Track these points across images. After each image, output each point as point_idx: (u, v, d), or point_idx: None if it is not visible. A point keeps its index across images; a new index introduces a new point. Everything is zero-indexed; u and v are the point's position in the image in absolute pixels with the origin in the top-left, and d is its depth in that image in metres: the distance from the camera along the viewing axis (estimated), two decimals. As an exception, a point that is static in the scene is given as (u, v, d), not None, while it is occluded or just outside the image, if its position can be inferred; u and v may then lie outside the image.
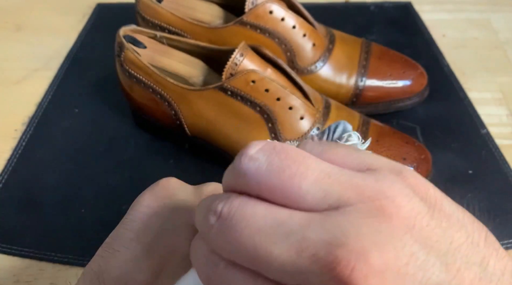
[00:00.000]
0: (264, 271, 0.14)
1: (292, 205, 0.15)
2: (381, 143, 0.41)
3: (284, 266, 0.14)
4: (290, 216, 0.14)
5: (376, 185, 0.15)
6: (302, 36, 0.46)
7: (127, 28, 0.43)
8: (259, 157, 0.15)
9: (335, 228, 0.14)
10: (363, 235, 0.13)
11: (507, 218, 0.41)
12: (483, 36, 0.64)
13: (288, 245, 0.14)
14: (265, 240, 0.14)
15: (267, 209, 0.15)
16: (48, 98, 0.53)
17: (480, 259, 0.14)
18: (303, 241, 0.14)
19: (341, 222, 0.14)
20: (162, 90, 0.41)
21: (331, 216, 0.14)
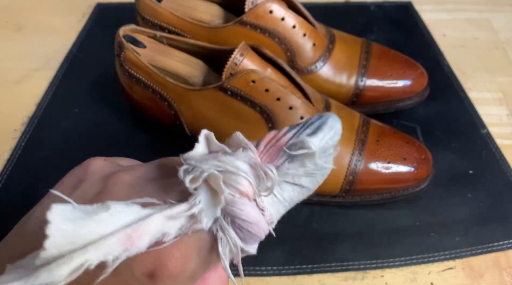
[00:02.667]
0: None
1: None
2: (382, 143, 0.41)
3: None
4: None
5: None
6: (302, 36, 0.46)
7: (127, 28, 0.43)
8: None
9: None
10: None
11: (507, 218, 0.41)
12: (483, 36, 0.64)
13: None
14: None
15: None
16: (48, 98, 0.52)
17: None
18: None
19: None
20: (162, 90, 0.41)
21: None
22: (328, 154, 0.20)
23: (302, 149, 0.19)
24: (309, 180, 0.20)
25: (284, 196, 0.20)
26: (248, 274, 0.37)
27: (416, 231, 0.40)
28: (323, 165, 0.20)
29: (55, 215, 0.16)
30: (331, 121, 0.20)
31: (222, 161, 0.18)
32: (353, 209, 0.42)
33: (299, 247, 0.39)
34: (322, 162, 0.20)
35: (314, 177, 0.20)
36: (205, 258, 0.19)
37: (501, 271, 0.38)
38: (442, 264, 0.38)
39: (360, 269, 0.38)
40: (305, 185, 0.20)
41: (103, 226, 0.16)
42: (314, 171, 0.20)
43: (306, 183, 0.20)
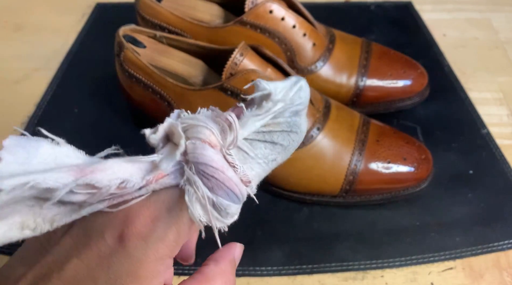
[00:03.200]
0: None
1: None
2: (382, 143, 0.41)
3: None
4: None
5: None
6: (302, 36, 0.46)
7: (126, 28, 0.43)
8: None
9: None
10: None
11: (508, 218, 0.41)
12: (483, 36, 0.64)
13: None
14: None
15: None
16: (47, 98, 0.52)
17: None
18: None
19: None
20: (162, 90, 0.41)
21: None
22: (296, 110, 0.20)
23: (257, 92, 0.19)
24: (281, 136, 0.20)
25: (256, 153, 0.20)
26: (248, 274, 0.37)
27: (416, 231, 0.40)
28: (293, 120, 0.20)
29: (10, 141, 0.16)
30: (295, 78, 0.20)
31: (183, 117, 0.19)
32: (353, 209, 0.42)
33: (299, 247, 0.39)
34: (291, 118, 0.20)
35: (286, 133, 0.20)
36: (176, 217, 0.19)
37: (501, 271, 0.38)
38: (442, 264, 0.38)
39: (360, 269, 0.38)
40: (277, 141, 0.20)
41: (57, 160, 0.17)
42: (285, 127, 0.20)
43: (278, 139, 0.20)
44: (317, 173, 0.40)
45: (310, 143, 0.39)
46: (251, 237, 0.39)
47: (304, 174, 0.40)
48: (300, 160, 0.40)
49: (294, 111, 0.20)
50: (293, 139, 0.20)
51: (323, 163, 0.40)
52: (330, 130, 0.40)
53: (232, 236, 0.41)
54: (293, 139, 0.20)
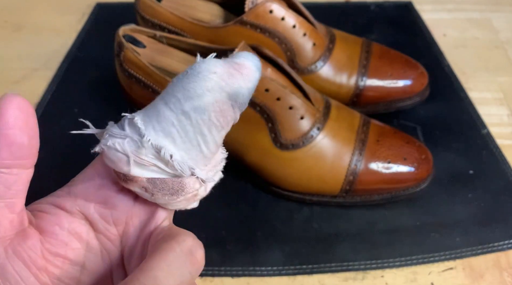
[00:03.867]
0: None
1: None
2: (382, 143, 0.41)
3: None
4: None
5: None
6: (302, 36, 0.46)
7: (126, 28, 0.43)
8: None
9: None
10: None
11: (508, 218, 0.41)
12: (483, 36, 0.64)
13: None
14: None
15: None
16: (47, 98, 0.52)
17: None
18: None
19: None
20: (162, 90, 0.41)
21: None
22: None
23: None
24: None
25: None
26: (248, 274, 0.37)
27: (416, 231, 0.40)
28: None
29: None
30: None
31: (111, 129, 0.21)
32: (353, 209, 0.42)
33: (299, 247, 0.39)
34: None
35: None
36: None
37: (502, 271, 0.38)
38: (442, 264, 0.38)
39: (360, 269, 0.38)
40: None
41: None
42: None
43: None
44: (317, 173, 0.40)
45: (310, 142, 0.39)
46: (251, 237, 0.39)
47: (304, 174, 0.40)
48: (300, 160, 0.40)
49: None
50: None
51: (323, 163, 0.40)
52: (330, 130, 0.40)
53: (232, 236, 0.41)
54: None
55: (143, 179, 0.20)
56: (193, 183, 0.21)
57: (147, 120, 0.20)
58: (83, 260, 0.22)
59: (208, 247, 0.39)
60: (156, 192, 0.21)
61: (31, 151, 0.20)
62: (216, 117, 0.20)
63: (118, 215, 0.23)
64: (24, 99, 0.19)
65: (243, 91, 0.20)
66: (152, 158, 0.20)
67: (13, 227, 0.20)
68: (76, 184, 0.23)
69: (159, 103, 0.21)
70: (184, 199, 0.21)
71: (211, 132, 0.20)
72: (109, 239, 0.23)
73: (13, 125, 0.18)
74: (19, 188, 0.20)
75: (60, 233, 0.22)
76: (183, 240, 0.20)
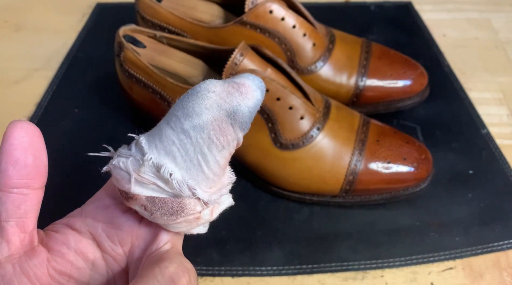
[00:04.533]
0: None
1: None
2: (382, 143, 0.41)
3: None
4: None
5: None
6: (302, 36, 0.46)
7: (126, 28, 0.43)
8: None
9: None
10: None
11: (508, 218, 0.41)
12: (483, 36, 0.64)
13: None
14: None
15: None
16: (47, 98, 0.52)
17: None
18: None
19: None
20: (162, 90, 0.41)
21: None
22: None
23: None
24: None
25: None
26: (248, 274, 0.37)
27: (416, 231, 0.40)
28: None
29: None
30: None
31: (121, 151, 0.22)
32: (353, 209, 0.42)
33: (299, 247, 0.39)
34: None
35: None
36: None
37: (501, 271, 0.38)
38: (442, 264, 0.38)
39: (360, 269, 0.38)
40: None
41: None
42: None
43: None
44: (317, 173, 0.40)
45: (310, 142, 0.39)
46: (251, 237, 0.39)
47: (304, 174, 0.40)
48: (300, 160, 0.40)
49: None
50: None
51: (323, 163, 0.40)
52: (330, 130, 0.40)
53: (232, 236, 0.41)
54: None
55: (143, 197, 0.21)
56: (193, 204, 0.21)
57: (151, 140, 0.21)
58: (88, 280, 0.22)
59: (208, 247, 0.39)
60: (155, 211, 0.21)
61: (37, 170, 0.20)
62: (216, 136, 0.20)
63: (123, 235, 0.23)
64: (30, 123, 0.20)
65: (242, 109, 0.20)
66: (153, 176, 0.20)
67: (23, 246, 0.21)
68: (88, 204, 0.24)
69: (162, 123, 0.21)
70: (184, 220, 0.21)
71: (211, 152, 0.20)
72: (115, 259, 0.23)
73: (17, 146, 0.19)
74: (28, 207, 0.20)
75: (66, 252, 0.22)
76: (165, 267, 0.20)
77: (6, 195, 0.20)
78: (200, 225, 0.22)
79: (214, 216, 0.22)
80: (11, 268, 0.20)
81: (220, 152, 0.20)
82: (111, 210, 0.23)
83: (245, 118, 0.20)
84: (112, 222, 0.23)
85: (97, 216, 0.23)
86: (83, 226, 0.23)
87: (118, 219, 0.23)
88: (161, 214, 0.21)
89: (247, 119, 0.20)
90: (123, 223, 0.23)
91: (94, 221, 0.23)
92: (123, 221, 0.23)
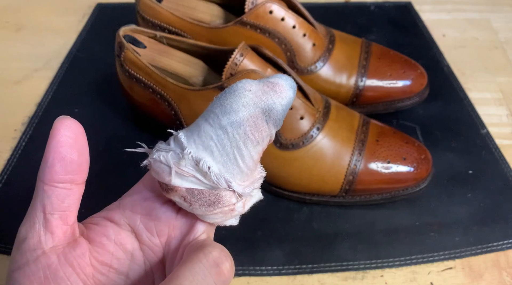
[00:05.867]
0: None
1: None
2: (381, 143, 0.41)
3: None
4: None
5: None
6: (302, 36, 0.46)
7: (127, 28, 0.43)
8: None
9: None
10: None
11: (507, 218, 0.41)
12: (483, 36, 0.64)
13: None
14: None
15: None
16: (48, 98, 0.53)
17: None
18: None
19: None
20: (162, 90, 0.41)
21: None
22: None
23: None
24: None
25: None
26: (248, 273, 0.37)
27: (416, 231, 0.40)
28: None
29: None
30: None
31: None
32: (353, 209, 0.42)
33: (299, 247, 0.39)
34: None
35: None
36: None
37: (501, 271, 0.38)
38: (442, 264, 0.38)
39: (360, 269, 0.38)
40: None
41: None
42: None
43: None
44: (317, 172, 0.40)
45: (310, 142, 0.39)
46: (251, 237, 0.40)
47: (304, 174, 0.40)
48: (300, 160, 0.40)
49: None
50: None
51: (323, 163, 0.40)
52: (330, 130, 0.40)
53: (232, 236, 0.41)
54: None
55: (183, 188, 0.22)
56: (229, 196, 0.22)
57: (189, 135, 0.22)
58: (127, 270, 0.24)
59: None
60: (193, 202, 0.22)
61: (81, 167, 0.22)
62: (251, 132, 0.21)
63: (161, 227, 0.24)
64: (75, 120, 0.22)
65: (276, 107, 0.21)
66: (192, 169, 0.22)
67: (66, 237, 0.22)
68: (125, 197, 0.25)
69: (200, 119, 0.22)
70: (221, 211, 0.23)
71: (247, 147, 0.21)
72: (152, 250, 0.24)
73: (64, 144, 0.21)
74: (71, 201, 0.22)
75: (107, 243, 0.23)
76: (209, 251, 0.21)
77: (52, 189, 0.21)
78: (233, 216, 0.24)
79: (246, 209, 0.23)
80: (56, 258, 0.21)
81: (255, 147, 0.21)
82: (149, 202, 0.24)
83: (279, 115, 0.21)
84: (150, 213, 0.24)
85: (135, 208, 0.24)
86: (121, 218, 0.24)
87: (156, 210, 0.24)
88: (199, 205, 0.22)
89: (280, 117, 0.21)
90: (161, 214, 0.24)
91: (133, 213, 0.24)
92: (161, 213, 0.24)
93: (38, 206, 0.21)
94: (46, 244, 0.21)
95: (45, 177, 0.21)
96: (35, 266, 0.21)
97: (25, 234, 0.21)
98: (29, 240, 0.21)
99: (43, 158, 0.21)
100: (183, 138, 0.22)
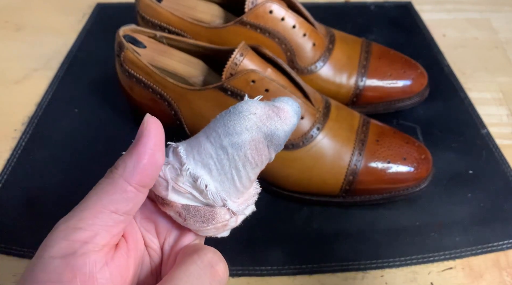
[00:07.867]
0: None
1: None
2: (381, 143, 0.41)
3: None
4: None
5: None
6: (302, 36, 0.46)
7: (127, 28, 0.43)
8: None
9: None
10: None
11: (507, 218, 0.41)
12: (483, 36, 0.64)
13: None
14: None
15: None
16: (48, 98, 0.52)
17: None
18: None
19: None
20: (162, 90, 0.41)
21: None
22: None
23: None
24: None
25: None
26: (248, 273, 0.37)
27: (416, 231, 0.40)
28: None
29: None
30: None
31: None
32: (353, 209, 0.42)
33: (299, 247, 0.39)
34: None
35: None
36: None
37: (501, 271, 0.38)
38: (442, 264, 0.38)
39: (360, 269, 0.38)
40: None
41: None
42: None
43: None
44: (317, 173, 0.40)
45: (310, 142, 0.39)
46: (251, 237, 0.39)
47: (304, 174, 0.40)
48: (300, 160, 0.40)
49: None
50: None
51: (323, 163, 0.40)
52: (330, 130, 0.40)
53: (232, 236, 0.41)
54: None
55: (179, 204, 0.22)
56: (224, 213, 0.22)
57: (189, 150, 0.22)
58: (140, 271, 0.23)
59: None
60: (188, 218, 0.22)
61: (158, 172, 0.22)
62: (252, 155, 0.21)
63: (159, 230, 0.24)
64: (160, 123, 0.22)
65: (279, 133, 0.21)
66: (189, 186, 0.22)
67: (116, 239, 0.21)
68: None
69: (202, 136, 0.22)
70: (214, 227, 0.23)
71: (245, 168, 0.21)
72: (155, 252, 0.24)
73: (159, 148, 0.21)
74: (137, 206, 0.21)
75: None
76: (204, 253, 0.21)
77: (135, 192, 0.21)
78: (226, 230, 0.24)
79: (238, 223, 0.24)
80: (103, 259, 0.20)
81: (253, 169, 0.22)
82: (148, 205, 0.24)
83: (281, 141, 0.21)
84: (149, 217, 0.24)
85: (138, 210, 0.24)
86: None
87: (154, 214, 0.24)
88: (194, 221, 0.22)
89: (282, 142, 0.22)
90: (159, 218, 0.24)
91: (136, 214, 0.24)
92: (159, 216, 0.24)
93: (107, 204, 0.20)
94: (100, 241, 0.20)
95: (132, 178, 0.20)
96: (83, 260, 0.19)
97: (78, 224, 0.20)
98: (84, 232, 0.20)
99: (131, 155, 0.21)
100: (182, 152, 0.22)
